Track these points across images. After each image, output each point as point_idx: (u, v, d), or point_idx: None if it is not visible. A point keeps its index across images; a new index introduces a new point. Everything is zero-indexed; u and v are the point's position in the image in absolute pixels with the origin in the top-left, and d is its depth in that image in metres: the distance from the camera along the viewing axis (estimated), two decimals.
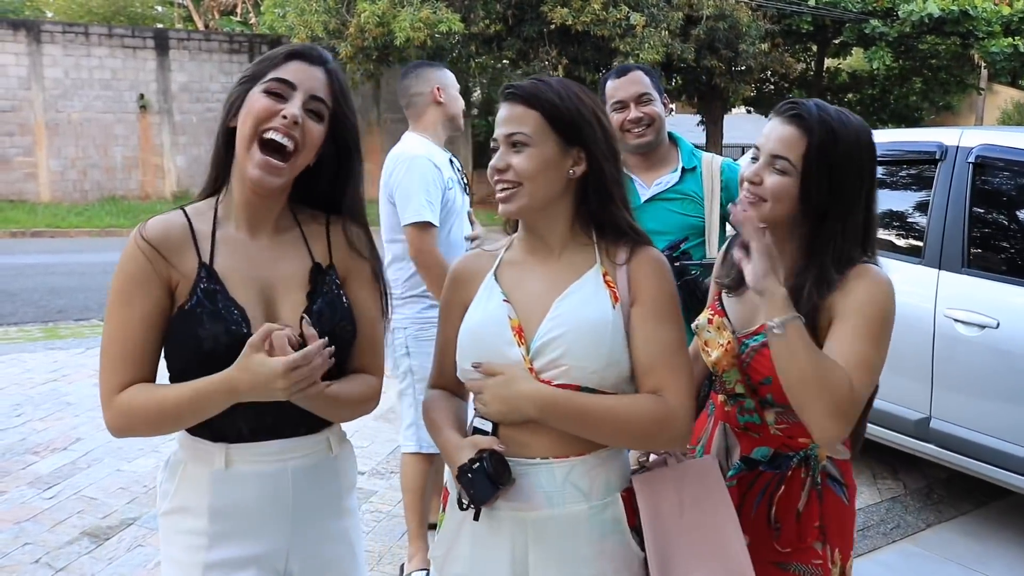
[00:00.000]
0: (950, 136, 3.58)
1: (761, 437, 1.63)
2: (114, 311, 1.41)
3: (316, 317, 1.44)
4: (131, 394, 1.39)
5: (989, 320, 3.14)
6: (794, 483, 1.60)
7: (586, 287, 1.47)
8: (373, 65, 15.59)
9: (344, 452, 1.60)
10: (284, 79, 1.40)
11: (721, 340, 1.65)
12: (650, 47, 14.32)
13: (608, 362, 1.43)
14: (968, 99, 23.11)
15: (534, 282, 1.51)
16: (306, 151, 1.42)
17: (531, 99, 1.46)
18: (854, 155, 1.52)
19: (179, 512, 1.47)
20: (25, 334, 6.98)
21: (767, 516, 1.61)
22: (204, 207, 1.48)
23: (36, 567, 3.04)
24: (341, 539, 1.58)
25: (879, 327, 1.49)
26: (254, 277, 1.45)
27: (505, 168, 1.45)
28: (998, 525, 3.55)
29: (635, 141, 2.57)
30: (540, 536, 1.45)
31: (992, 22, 17.11)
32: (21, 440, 4.32)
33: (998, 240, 3.52)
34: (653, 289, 1.47)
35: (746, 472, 1.64)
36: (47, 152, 17.05)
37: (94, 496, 3.65)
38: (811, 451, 1.60)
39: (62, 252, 11.96)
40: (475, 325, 1.50)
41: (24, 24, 17.43)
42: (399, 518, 3.51)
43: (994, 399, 3.18)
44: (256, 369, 1.31)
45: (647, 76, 2.61)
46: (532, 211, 1.48)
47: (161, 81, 17.85)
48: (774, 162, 1.53)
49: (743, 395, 1.63)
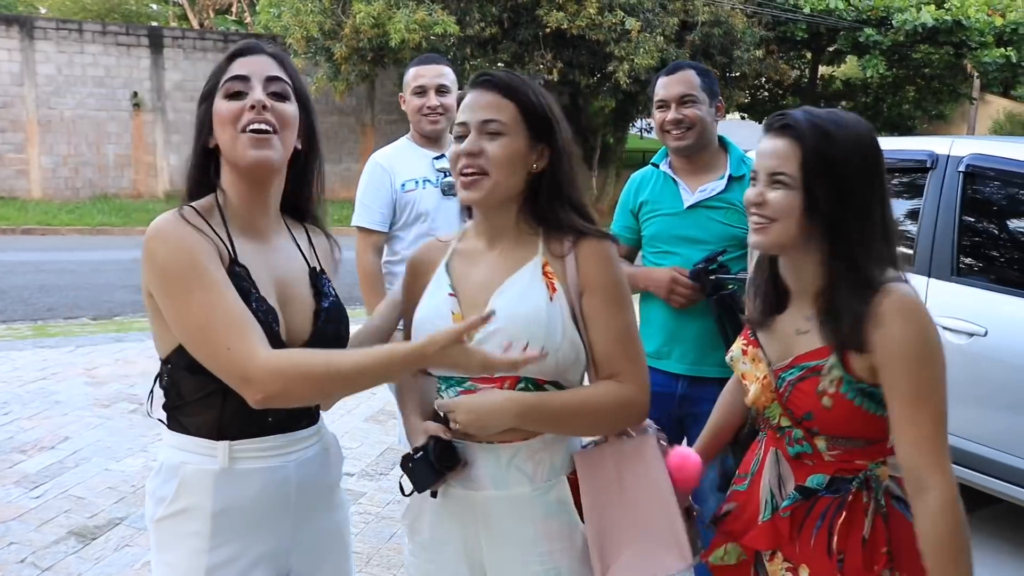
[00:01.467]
0: (941, 145, 3.60)
1: (815, 465, 1.52)
2: (192, 289, 1.31)
3: (325, 316, 1.49)
4: (288, 354, 1.32)
5: (978, 328, 3.16)
6: (856, 508, 1.47)
7: (521, 281, 1.50)
8: (368, 66, 15.56)
9: (332, 444, 1.62)
10: (235, 75, 1.42)
11: (758, 373, 1.56)
12: (645, 52, 14.34)
13: (555, 355, 1.45)
14: (960, 108, 23.22)
15: (479, 274, 1.55)
16: (287, 130, 1.44)
17: (508, 90, 1.48)
18: (854, 153, 1.43)
19: (179, 515, 1.43)
20: (14, 332, 6.94)
21: (827, 545, 1.47)
22: (208, 207, 1.46)
23: (22, 567, 3.03)
24: (335, 532, 1.60)
25: (934, 371, 1.38)
26: (270, 278, 1.46)
27: (478, 152, 1.46)
28: (986, 533, 3.56)
29: (674, 143, 2.48)
30: (487, 516, 1.52)
31: (985, 32, 17.21)
32: (8, 439, 4.30)
33: (988, 249, 3.54)
34: (602, 278, 1.50)
35: (802, 502, 1.51)
36: (39, 149, 16.97)
37: (81, 496, 3.63)
38: (871, 472, 1.48)
39: (53, 250, 11.90)
40: (421, 318, 1.55)
41: (17, 20, 17.34)
42: (388, 520, 3.50)
43: (982, 407, 3.19)
44: (458, 359, 1.31)
45: (699, 77, 2.47)
46: (493, 201, 1.51)
47: (155, 79, 17.79)
48: (773, 179, 1.45)
49: (790, 426, 1.53)
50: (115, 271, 9.97)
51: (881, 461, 1.48)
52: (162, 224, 1.37)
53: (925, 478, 1.35)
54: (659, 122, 2.50)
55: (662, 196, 2.55)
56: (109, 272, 9.95)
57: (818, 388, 1.45)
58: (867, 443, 1.47)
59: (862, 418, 1.44)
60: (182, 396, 1.43)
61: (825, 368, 1.44)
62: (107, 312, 7.88)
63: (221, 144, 1.43)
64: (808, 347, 1.48)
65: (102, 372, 5.55)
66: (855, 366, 1.42)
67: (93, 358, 5.91)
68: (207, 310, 1.30)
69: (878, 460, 1.48)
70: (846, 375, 1.43)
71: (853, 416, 1.44)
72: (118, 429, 4.46)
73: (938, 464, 1.35)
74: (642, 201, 2.59)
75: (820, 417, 1.46)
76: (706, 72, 2.51)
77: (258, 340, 1.31)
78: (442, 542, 1.57)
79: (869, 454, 1.48)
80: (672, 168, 2.57)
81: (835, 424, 1.46)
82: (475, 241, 1.59)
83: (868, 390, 1.42)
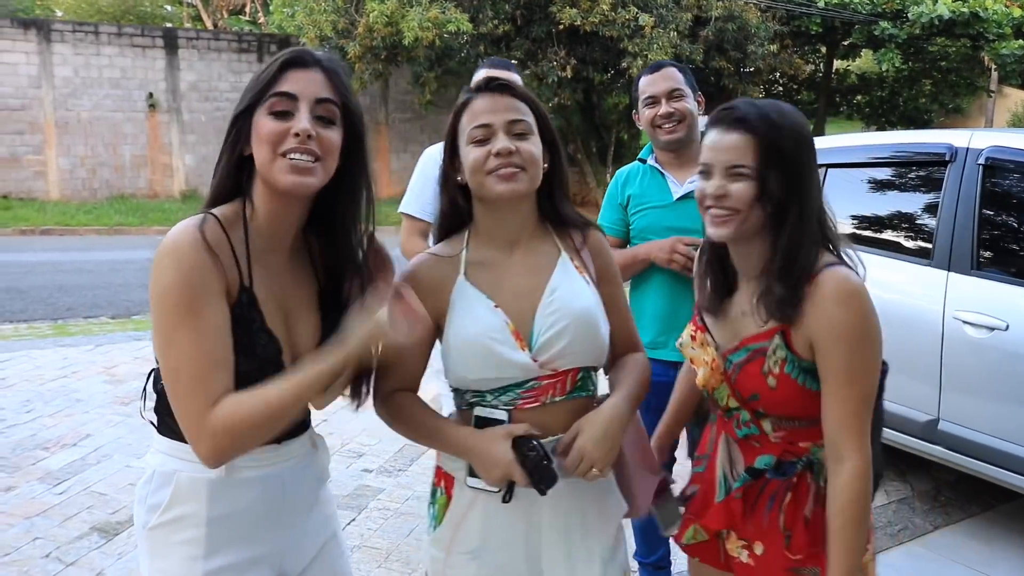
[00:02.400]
0: (960, 138, 3.57)
1: (762, 446, 1.62)
2: (183, 329, 1.28)
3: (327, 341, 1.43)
4: (231, 408, 1.28)
5: (998, 322, 3.13)
6: (800, 489, 1.59)
7: (567, 277, 1.57)
8: (382, 65, 15.59)
9: (322, 448, 1.62)
10: (284, 92, 1.35)
11: (706, 357, 1.65)
12: (659, 48, 14.28)
13: (602, 341, 1.57)
14: (978, 101, 23.01)
15: (511, 279, 1.56)
16: (329, 158, 1.39)
17: (524, 96, 1.56)
18: (799, 141, 1.52)
19: (173, 523, 1.41)
20: (35, 331, 7.02)
21: (778, 524, 1.60)
22: (232, 217, 1.40)
23: (46, 562, 3.06)
24: (324, 526, 1.60)
25: (866, 355, 1.49)
26: (280, 300, 1.43)
27: (514, 151, 1.49)
28: (1005, 528, 3.54)
29: (665, 137, 2.56)
30: (556, 505, 1.54)
31: (1003, 24, 17.02)
32: (31, 436, 4.35)
33: (1008, 242, 3.51)
34: (611, 267, 1.68)
35: (752, 483, 1.63)
36: (56, 150, 17.11)
37: (104, 492, 3.67)
38: (813, 456, 1.59)
39: (71, 250, 12.01)
40: (473, 338, 1.51)
41: (34, 23, 17.50)
42: (407, 515, 3.52)
43: (1003, 401, 3.17)
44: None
45: (680, 73, 2.61)
46: (526, 198, 1.55)
47: (170, 80, 17.89)
48: (732, 171, 1.51)
49: (738, 408, 1.63)
50: (133, 270, 10.05)
51: (821, 445, 1.56)
52: (181, 241, 1.31)
53: (844, 450, 1.48)
54: (649, 118, 2.59)
55: (651, 190, 2.62)
56: (127, 271, 10.04)
57: (763, 368, 1.54)
58: (809, 423, 1.56)
59: (804, 396, 1.53)
60: None
61: (770, 349, 1.53)
62: (125, 311, 7.95)
63: (258, 160, 1.37)
64: (754, 329, 1.57)
65: (121, 370, 5.61)
66: (797, 344, 1.51)
67: (112, 356, 5.97)
68: (186, 356, 1.29)
69: (819, 443, 1.57)
70: (789, 354, 1.51)
71: (796, 395, 1.53)
72: (138, 426, 4.50)
73: (857, 440, 1.48)
74: (630, 195, 2.66)
75: (765, 397, 1.55)
76: (685, 69, 2.66)
77: (218, 393, 1.29)
78: (498, 545, 1.56)
79: (812, 436, 1.58)
80: (659, 163, 2.65)
81: (779, 403, 1.55)
82: (490, 250, 1.58)
83: (809, 367, 1.51)
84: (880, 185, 4.00)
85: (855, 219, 3.95)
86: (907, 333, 3.41)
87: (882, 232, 3.90)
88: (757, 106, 1.53)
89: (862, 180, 4.03)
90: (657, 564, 2.77)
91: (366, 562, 3.13)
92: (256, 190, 1.41)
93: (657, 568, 2.78)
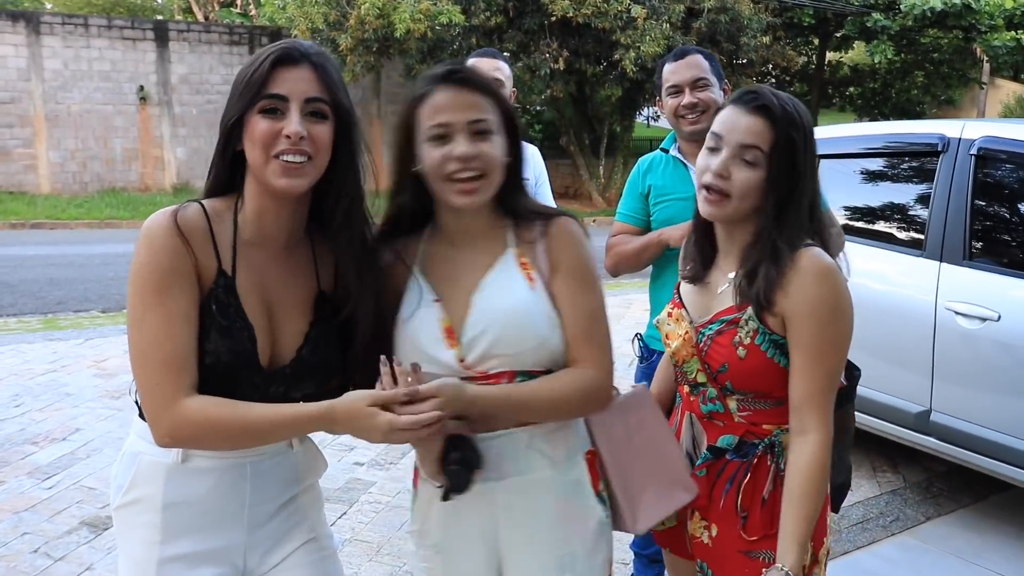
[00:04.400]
0: (952, 128, 3.56)
1: (726, 425, 1.63)
2: (151, 310, 1.31)
3: (312, 345, 1.43)
4: (204, 403, 1.31)
5: (990, 313, 3.13)
6: (760, 470, 1.60)
7: (501, 276, 1.48)
8: (373, 57, 15.52)
9: (306, 449, 1.56)
10: (274, 94, 1.34)
11: (679, 331, 1.66)
12: (651, 40, 14.26)
13: (537, 343, 1.45)
14: (970, 93, 23.05)
15: (458, 274, 1.51)
16: (321, 155, 1.38)
17: (484, 87, 1.46)
18: (807, 136, 1.54)
19: (133, 505, 1.43)
20: (24, 325, 6.97)
21: (735, 505, 1.61)
22: (223, 209, 1.42)
23: (35, 556, 3.04)
24: (300, 533, 1.54)
25: (837, 330, 1.51)
26: (264, 295, 1.41)
27: (475, 156, 1.41)
28: (997, 519, 3.55)
29: (688, 128, 2.47)
30: (508, 503, 1.50)
31: (994, 16, 17.06)
32: (20, 430, 4.32)
33: (1000, 233, 3.51)
34: (571, 258, 1.49)
35: (713, 461, 1.64)
36: (47, 144, 17.00)
37: (93, 486, 3.65)
38: (775, 437, 1.60)
39: (62, 243, 11.93)
40: (407, 328, 1.48)
41: (23, 15, 17.36)
42: (398, 509, 3.51)
43: (995, 392, 3.17)
44: (363, 422, 1.29)
45: (706, 60, 2.49)
46: (485, 201, 1.46)
47: (161, 73, 17.79)
48: (744, 153, 1.51)
49: (705, 384, 1.64)
50: (124, 264, 9.94)
51: (785, 428, 1.58)
52: (154, 225, 1.34)
53: (808, 423, 1.51)
54: (672, 107, 2.49)
55: (673, 181, 2.55)
56: (118, 265, 9.97)
57: (734, 339, 1.55)
58: (774, 404, 1.58)
59: (772, 371, 1.55)
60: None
61: (742, 320, 1.55)
62: (116, 304, 7.90)
63: (250, 159, 1.37)
64: (727, 303, 1.59)
65: (112, 364, 5.57)
66: (769, 320, 1.53)
67: (103, 350, 5.93)
68: (153, 340, 1.31)
69: (783, 426, 1.59)
70: (761, 326, 1.53)
71: (764, 368, 1.54)
72: (128, 420, 4.45)
73: (822, 414, 1.51)
74: (651, 184, 2.59)
75: (734, 368, 1.56)
76: (711, 56, 2.53)
77: (185, 385, 1.31)
78: (457, 540, 1.54)
79: (775, 417, 1.59)
80: (682, 153, 2.56)
81: (747, 375, 1.56)
82: (444, 244, 1.54)
83: (780, 341, 1.53)
84: (872, 176, 3.99)
85: (847, 210, 3.94)
86: (899, 324, 3.41)
87: (874, 223, 3.89)
88: (780, 97, 1.54)
89: (854, 171, 4.02)
90: (653, 557, 2.76)
91: (357, 556, 3.12)
92: (247, 185, 1.42)
93: (652, 561, 2.77)
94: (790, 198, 1.53)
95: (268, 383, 1.40)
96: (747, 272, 1.55)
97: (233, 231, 1.40)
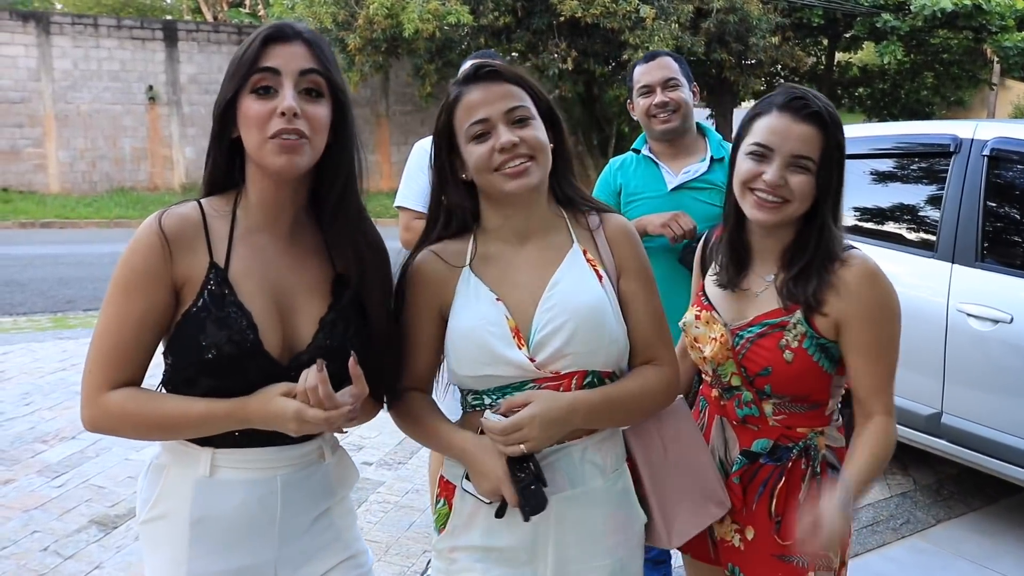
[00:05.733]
0: (964, 129, 3.54)
1: (760, 429, 1.63)
2: (112, 303, 1.33)
3: (329, 328, 1.39)
4: (124, 397, 1.33)
5: (1003, 315, 3.11)
6: (794, 474, 1.60)
7: (572, 271, 1.47)
8: (382, 57, 15.52)
9: (338, 460, 1.52)
10: (266, 67, 1.30)
11: (713, 334, 1.64)
12: (660, 40, 14.21)
13: (609, 341, 1.45)
14: (980, 94, 22.92)
15: (517, 273, 1.48)
16: (319, 135, 1.35)
17: (515, 77, 1.47)
18: (844, 141, 1.58)
19: (160, 520, 1.39)
20: (34, 324, 7.00)
21: (768, 509, 1.60)
22: (221, 204, 1.40)
23: (44, 555, 3.05)
24: (336, 550, 1.49)
25: (893, 328, 1.57)
26: (271, 283, 1.37)
27: (518, 142, 1.41)
28: (1008, 522, 3.52)
29: (660, 127, 2.56)
30: (562, 516, 1.47)
31: (1005, 16, 16.95)
32: (30, 429, 4.34)
33: (1012, 234, 3.49)
34: (636, 259, 1.54)
35: (748, 466, 1.63)
36: (56, 143, 17.08)
37: (102, 485, 3.66)
38: (810, 440, 1.61)
39: (71, 243, 11.99)
40: (469, 329, 1.45)
41: (33, 15, 17.44)
42: (407, 509, 3.51)
43: (1007, 394, 3.15)
44: (272, 409, 1.29)
45: (675, 62, 2.60)
46: (539, 186, 1.46)
47: (170, 73, 17.85)
48: (797, 162, 1.52)
49: (739, 387, 1.62)
50: None
51: (819, 431, 1.62)
52: (144, 224, 1.35)
53: (873, 411, 1.56)
54: (644, 108, 2.58)
55: (645, 180, 2.61)
56: None
57: (780, 342, 1.55)
58: (810, 407, 1.61)
59: (815, 374, 1.57)
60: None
61: (791, 323, 1.56)
62: None
63: (246, 144, 1.34)
64: (768, 306, 1.59)
65: None
66: (819, 324, 1.55)
67: None
68: (102, 332, 1.34)
69: (817, 429, 1.61)
70: (810, 330, 1.55)
71: (809, 372, 1.56)
72: None
73: (886, 404, 1.57)
74: (622, 183, 2.65)
75: (778, 372, 1.56)
76: (680, 58, 2.65)
77: (119, 377, 1.33)
78: (504, 553, 1.48)
79: (810, 420, 1.61)
80: (653, 153, 2.64)
81: (791, 379, 1.57)
82: (498, 243, 1.51)
83: (827, 345, 1.56)
84: (883, 176, 3.97)
85: (858, 211, 3.92)
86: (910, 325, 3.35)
87: (885, 224, 3.87)
88: (825, 102, 1.55)
89: (865, 171, 4.00)
90: (656, 559, 2.75)
91: None
92: (249, 175, 1.39)
93: (657, 563, 2.76)
94: (836, 200, 1.58)
95: (286, 371, 1.34)
96: (796, 274, 1.56)
97: (231, 223, 1.38)
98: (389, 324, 1.47)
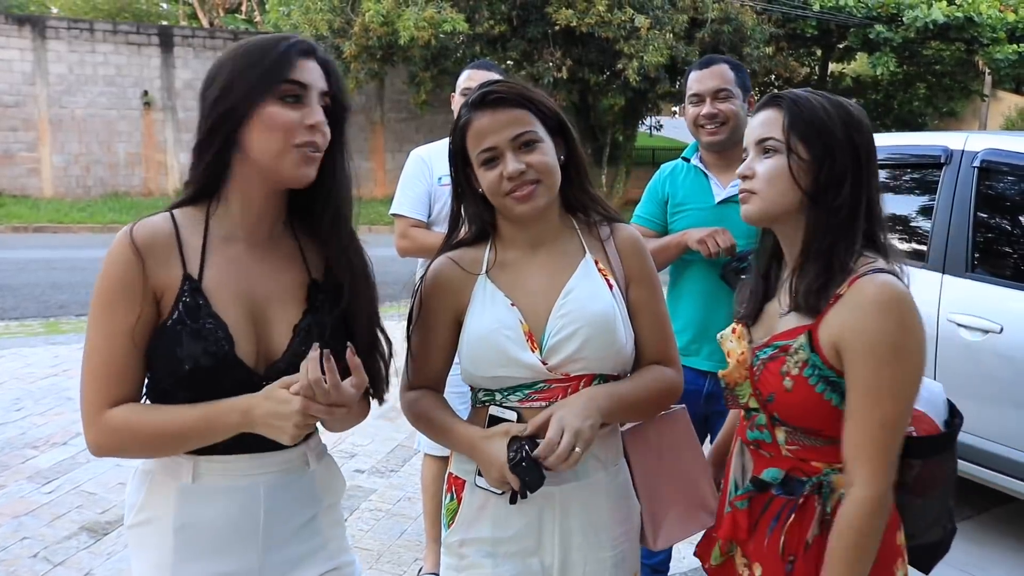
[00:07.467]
0: (955, 140, 3.57)
1: (772, 457, 1.50)
2: (97, 320, 1.32)
3: (304, 334, 1.38)
4: (125, 412, 1.31)
5: (993, 325, 3.13)
6: (806, 512, 1.43)
7: (586, 280, 1.54)
8: (377, 64, 15.57)
9: (324, 467, 1.51)
10: (298, 81, 1.31)
11: (738, 350, 1.55)
12: (654, 49, 14.29)
13: (618, 347, 1.52)
14: (972, 105, 23.07)
15: (531, 279, 1.55)
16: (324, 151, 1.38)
17: (519, 99, 1.50)
18: (837, 121, 1.42)
19: (145, 525, 1.40)
20: (26, 329, 6.97)
21: (778, 547, 1.45)
22: (195, 214, 1.39)
23: (34, 561, 3.04)
24: (321, 560, 1.48)
25: (899, 373, 1.32)
26: (246, 292, 1.37)
27: (524, 170, 1.46)
28: (999, 531, 3.54)
29: (707, 138, 2.45)
30: (567, 507, 1.53)
31: (997, 28, 17.07)
32: (21, 434, 4.32)
33: (1003, 245, 3.51)
34: (644, 268, 1.61)
35: (756, 493, 1.49)
36: (50, 148, 17.05)
37: (93, 491, 3.65)
38: (825, 477, 1.43)
39: (64, 247, 11.95)
40: (485, 332, 1.51)
41: (29, 19, 17.43)
42: (399, 516, 3.50)
43: (997, 404, 3.16)
44: (279, 409, 1.26)
45: (732, 71, 2.46)
46: (547, 206, 1.52)
47: (165, 78, 17.85)
48: (761, 146, 1.47)
49: (757, 410, 1.51)
50: None
51: (838, 468, 1.41)
52: (116, 242, 1.33)
53: (854, 476, 1.34)
54: (692, 116, 2.47)
55: (692, 191, 2.52)
56: None
57: (782, 368, 1.42)
58: (825, 442, 1.43)
59: (821, 408, 1.39)
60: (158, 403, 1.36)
61: (793, 347, 1.41)
62: None
63: (260, 150, 1.32)
64: (786, 326, 1.46)
65: None
66: (824, 346, 1.38)
67: None
68: (91, 352, 1.33)
69: (835, 465, 1.42)
70: (813, 355, 1.39)
71: (812, 404, 1.40)
72: None
73: (870, 469, 1.33)
74: (670, 193, 2.56)
75: (780, 400, 1.43)
76: (739, 67, 2.50)
77: (113, 396, 1.32)
78: (511, 546, 1.53)
79: (826, 456, 1.43)
80: (703, 163, 2.54)
81: (793, 410, 1.42)
82: (513, 251, 1.58)
83: (833, 379, 1.38)
84: None
85: None
86: None
87: None
88: (796, 91, 1.48)
89: None
90: (656, 567, 2.75)
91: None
92: (240, 180, 1.37)
93: (655, 572, 2.76)
94: (826, 188, 1.41)
95: (262, 381, 1.33)
96: (797, 273, 1.45)
97: (204, 234, 1.37)
98: (372, 332, 1.47)
